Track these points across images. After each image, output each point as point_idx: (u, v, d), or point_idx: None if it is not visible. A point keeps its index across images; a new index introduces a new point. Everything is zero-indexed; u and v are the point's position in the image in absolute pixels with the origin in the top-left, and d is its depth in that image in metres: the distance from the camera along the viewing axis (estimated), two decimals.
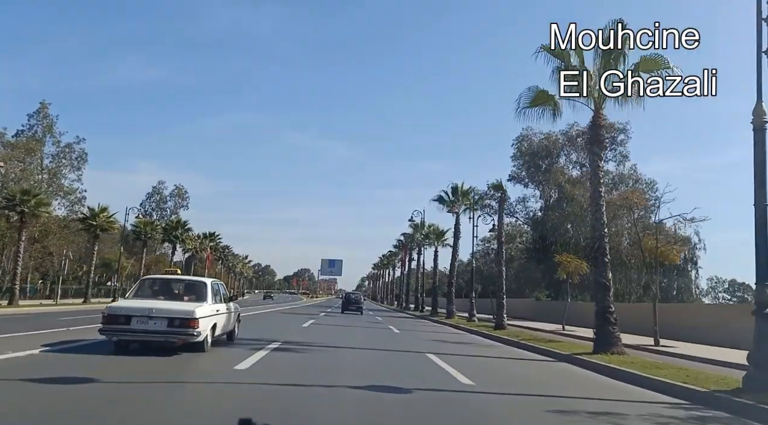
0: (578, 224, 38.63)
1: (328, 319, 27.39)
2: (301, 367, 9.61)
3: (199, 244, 68.82)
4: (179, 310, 9.53)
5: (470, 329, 23.31)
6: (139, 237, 50.35)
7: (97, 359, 8.93)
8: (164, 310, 9.44)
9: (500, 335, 19.47)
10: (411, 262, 58.11)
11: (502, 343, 17.25)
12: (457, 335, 21.00)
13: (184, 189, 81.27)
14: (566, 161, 53.53)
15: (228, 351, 10.74)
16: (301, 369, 9.30)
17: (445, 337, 19.12)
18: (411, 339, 17.74)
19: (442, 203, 34.03)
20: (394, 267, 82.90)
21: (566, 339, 18.42)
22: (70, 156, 47.91)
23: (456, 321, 29.47)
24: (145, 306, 9.53)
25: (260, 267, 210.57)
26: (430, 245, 42.21)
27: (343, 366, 9.85)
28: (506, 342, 17.30)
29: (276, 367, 9.15)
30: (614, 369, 10.57)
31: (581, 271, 25.22)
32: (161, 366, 8.52)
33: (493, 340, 18.42)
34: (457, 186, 33.52)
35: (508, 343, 16.96)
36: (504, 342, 17.44)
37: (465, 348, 15.52)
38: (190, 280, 12.19)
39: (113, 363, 8.73)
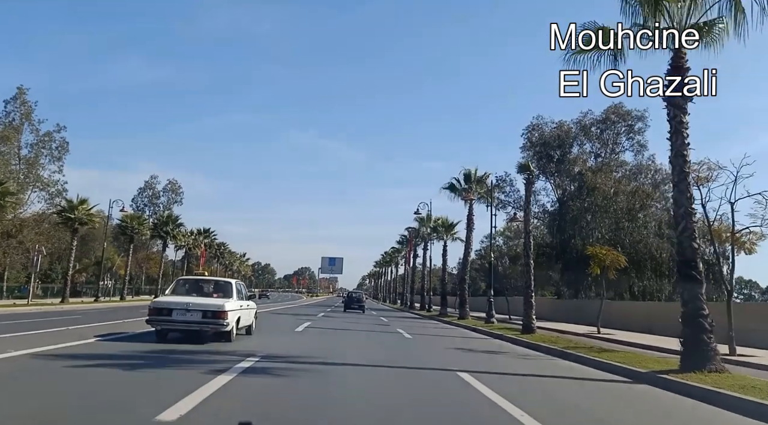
0: (601, 215, 35.28)
1: (327, 321, 24.06)
2: (275, 410, 5.95)
3: (192, 241, 65.53)
4: (211, 304, 11.49)
5: (492, 332, 19.97)
6: (125, 232, 46.99)
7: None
8: (199, 304, 11.39)
9: (532, 340, 16.14)
10: (416, 258, 54.79)
11: (542, 353, 13.89)
12: (480, 341, 17.69)
13: (177, 184, 77.97)
14: (580, 152, 50.24)
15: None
16: (272, 417, 5.61)
17: (467, 343, 15.81)
18: (429, 348, 14.42)
19: (454, 191, 30.70)
20: (397, 265, 79.58)
21: (616, 347, 15.13)
22: (49, 146, 44.48)
23: (472, 322, 26.12)
24: (183, 301, 11.49)
25: (260, 266, 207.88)
26: (439, 239, 38.92)
27: (344, 404, 6.47)
28: (547, 350, 13.95)
29: (230, 413, 5.41)
30: (737, 398, 7.26)
31: (618, 265, 21.89)
32: None
33: (528, 348, 15.07)
34: (470, 172, 30.23)
35: (549, 352, 13.61)
36: (544, 350, 14.09)
37: (499, 360, 12.21)
38: (218, 280, 14.48)
39: None
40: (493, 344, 16.43)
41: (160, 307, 11.55)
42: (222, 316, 11.32)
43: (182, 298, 11.95)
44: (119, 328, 14.33)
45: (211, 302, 11.69)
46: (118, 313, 22.52)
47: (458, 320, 28.39)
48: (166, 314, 11.35)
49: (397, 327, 21.90)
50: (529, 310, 19.21)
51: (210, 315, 11.28)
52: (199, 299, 12.00)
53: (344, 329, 19.28)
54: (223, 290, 12.98)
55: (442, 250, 37.05)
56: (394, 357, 11.58)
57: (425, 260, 47.35)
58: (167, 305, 11.53)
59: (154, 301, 12.50)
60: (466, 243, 30.53)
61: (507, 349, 14.70)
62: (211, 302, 11.75)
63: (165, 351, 9.94)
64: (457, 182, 30.63)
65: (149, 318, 11.46)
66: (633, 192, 34.69)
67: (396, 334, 18.37)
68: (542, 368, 10.96)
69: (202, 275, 17.87)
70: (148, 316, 11.52)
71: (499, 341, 17.64)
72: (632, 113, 48.19)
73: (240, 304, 12.78)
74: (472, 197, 28.21)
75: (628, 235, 34.71)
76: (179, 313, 11.25)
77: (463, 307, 29.18)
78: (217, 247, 79.18)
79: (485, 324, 24.31)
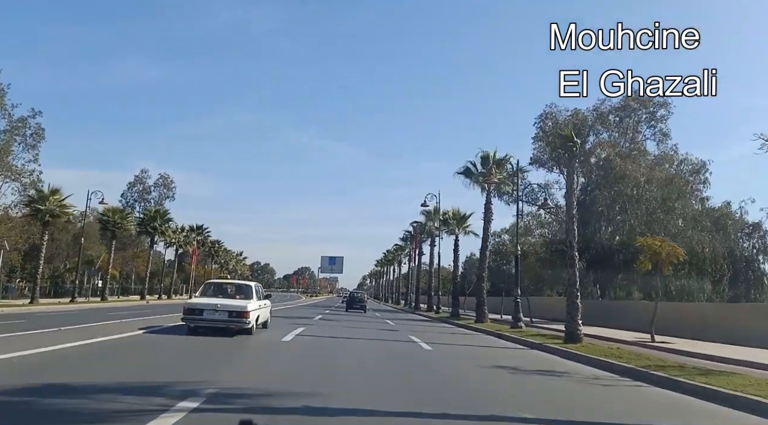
0: (632, 206, 31.48)
1: (324, 326, 20.26)
2: None
3: (183, 237, 61.71)
4: (236, 305, 13.38)
5: (526, 340, 16.17)
6: (107, 227, 43.15)
7: None
8: (226, 305, 13.22)
9: (588, 353, 12.36)
10: (421, 256, 50.92)
11: (616, 374, 10.08)
12: (517, 352, 13.91)
13: (170, 179, 74.20)
14: (595, 142, 46.42)
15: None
16: None
17: (506, 358, 12.00)
18: (462, 368, 10.58)
19: (469, 176, 26.86)
20: (400, 263, 75.72)
21: (710, 365, 11.36)
22: (23, 132, 40.60)
23: (494, 327, 22.27)
24: (212, 302, 13.26)
25: (259, 266, 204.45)
26: (449, 234, 35.03)
27: None
28: (623, 371, 10.12)
29: None
30: None
31: (676, 258, 18.10)
32: None
33: (591, 365, 11.25)
34: (488, 155, 26.40)
35: (629, 375, 9.79)
36: (618, 370, 10.27)
37: (569, 389, 8.41)
38: (240, 283, 16.82)
39: None
40: (537, 358, 12.63)
41: (193, 308, 13.15)
42: (245, 315, 13.02)
43: (211, 300, 13.55)
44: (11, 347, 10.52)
45: (236, 304, 13.44)
46: (65, 318, 18.79)
47: (476, 323, 24.58)
48: (198, 314, 12.95)
49: (408, 334, 18.11)
50: (574, 314, 15.42)
51: (235, 315, 12.94)
52: (225, 300, 13.64)
53: (344, 336, 15.49)
54: (244, 292, 14.80)
55: (454, 245, 33.30)
56: (419, 389, 7.75)
57: (432, 256, 43.57)
58: (199, 306, 13.14)
59: (188, 302, 14.04)
60: (484, 235, 26.72)
61: (563, 368, 10.88)
62: (236, 303, 13.49)
63: None
64: (473, 166, 26.81)
65: (184, 317, 13.13)
66: (669, 180, 30.86)
67: (410, 344, 14.54)
68: (646, 406, 7.18)
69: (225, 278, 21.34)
70: (182, 315, 13.19)
71: (542, 353, 13.83)
72: (654, 100, 44.61)
73: (259, 304, 14.54)
74: (495, 179, 24.35)
75: (662, 228, 30.89)
76: (209, 313, 12.87)
77: (481, 308, 25.36)
78: (211, 245, 75.30)
79: (511, 328, 20.50)
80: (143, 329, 13.90)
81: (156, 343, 11.57)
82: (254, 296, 14.42)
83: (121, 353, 9.70)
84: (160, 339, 12.18)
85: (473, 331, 21.64)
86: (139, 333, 13.00)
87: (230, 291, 15.08)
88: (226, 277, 19.62)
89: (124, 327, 14.56)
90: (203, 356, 9.79)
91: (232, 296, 14.53)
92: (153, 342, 11.79)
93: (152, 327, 14.38)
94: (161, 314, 23.72)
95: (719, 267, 29.03)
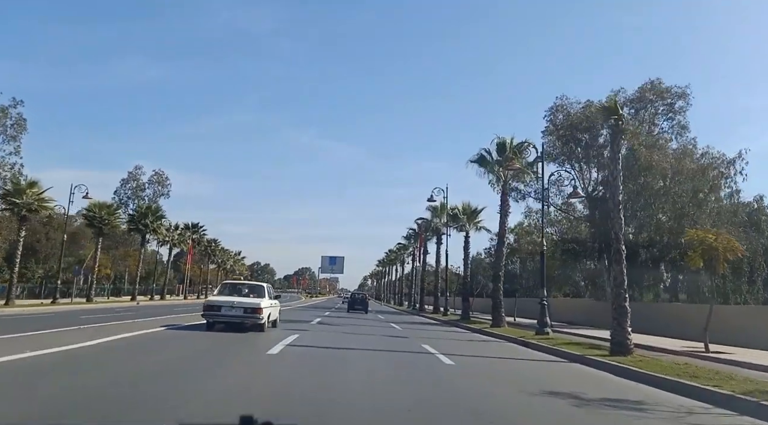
0: (659, 199, 28.85)
1: (322, 333, 17.64)
2: None
3: (178, 236, 59.10)
4: (251, 302, 14.69)
5: (562, 351, 13.56)
6: (92, 223, 40.51)
7: None
8: (241, 302, 14.62)
9: (654, 372, 9.76)
10: (426, 254, 48.30)
11: (715, 405, 7.45)
12: (558, 367, 11.32)
13: (164, 175, 71.54)
14: (608, 137, 43.71)
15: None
16: None
17: (553, 379, 9.39)
18: (503, 396, 7.86)
19: (484, 165, 24.23)
20: (403, 262, 73.05)
21: None
22: (3, 123, 38.17)
23: (515, 332, 19.59)
24: (229, 300, 14.77)
25: (259, 266, 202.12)
26: (459, 230, 32.34)
27: None
28: (727, 402, 7.47)
29: None
30: None
31: (734, 254, 15.46)
32: None
33: (667, 390, 8.60)
34: (504, 141, 23.78)
35: (740, 409, 7.14)
36: (715, 400, 7.62)
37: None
38: (253, 283, 18.73)
39: None
40: (588, 377, 10.00)
41: (212, 304, 14.60)
42: (259, 312, 14.29)
43: (228, 297, 15.04)
44: None
45: (251, 301, 14.75)
46: (16, 324, 16.21)
47: (492, 328, 21.93)
48: (216, 310, 14.38)
49: (419, 341, 15.50)
50: (622, 319, 12.80)
51: (250, 311, 14.23)
52: (241, 298, 15.03)
53: (344, 347, 12.87)
54: (257, 291, 16.15)
55: (464, 241, 30.62)
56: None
57: (438, 255, 40.92)
58: (217, 303, 14.63)
59: (208, 300, 15.57)
60: (501, 230, 24.03)
61: (635, 394, 8.27)
62: (250, 300, 14.79)
63: None
64: (487, 154, 24.15)
65: (204, 313, 14.54)
66: (702, 170, 28.18)
67: (425, 357, 11.91)
68: None
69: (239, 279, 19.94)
70: (203, 311, 14.59)
71: (587, 368, 11.20)
72: (672, 90, 41.88)
73: (270, 303, 15.65)
74: (517, 165, 21.65)
75: (692, 223, 28.20)
76: (226, 309, 14.29)
77: (497, 311, 22.71)
78: (207, 244, 72.60)
79: (536, 335, 17.87)
80: (110, 337, 11.30)
81: (98, 360, 8.96)
82: (266, 295, 15.91)
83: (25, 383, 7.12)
84: (104, 358, 9.11)
85: (492, 338, 19.02)
86: (88, 345, 10.39)
87: (245, 291, 16.56)
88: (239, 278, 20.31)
89: (77, 336, 11.95)
90: (155, 382, 7.22)
91: (247, 295, 16.00)
92: (93, 359, 9.17)
93: (118, 336, 11.78)
94: (147, 316, 21.18)
95: (758, 266, 26.46)
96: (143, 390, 6.32)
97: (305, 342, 13.09)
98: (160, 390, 6.44)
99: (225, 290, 16.81)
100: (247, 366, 9.05)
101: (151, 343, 11.39)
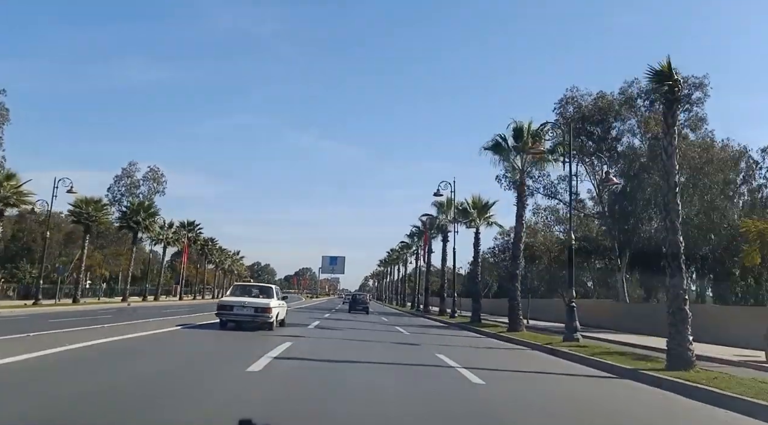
0: (686, 192, 26.57)
1: (320, 340, 15.41)
2: None
3: (172, 234, 56.90)
4: (260, 302, 15.81)
5: (607, 363, 11.30)
6: (79, 220, 38.29)
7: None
8: (252, 302, 15.73)
9: (741, 394, 7.56)
10: (430, 254, 46.03)
11: None
12: (610, 384, 9.12)
13: (159, 172, 69.23)
14: (620, 130, 41.40)
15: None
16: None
17: (621, 410, 7.18)
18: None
19: (499, 152, 21.98)
20: (405, 262, 70.78)
21: None
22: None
23: (539, 338, 17.33)
24: (241, 300, 15.92)
25: (259, 266, 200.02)
26: (468, 226, 30.05)
27: None
28: None
29: None
30: None
31: None
32: None
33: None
34: (521, 126, 21.52)
35: None
36: None
37: None
38: (263, 285, 20.40)
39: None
40: (663, 405, 7.77)
41: (225, 304, 15.82)
42: (269, 311, 15.47)
43: (239, 298, 16.32)
44: None
45: (260, 301, 16.00)
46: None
47: (509, 332, 19.68)
48: (229, 309, 15.54)
49: (433, 350, 13.26)
50: (682, 327, 10.47)
51: (260, 310, 15.39)
52: (252, 299, 16.34)
53: (345, 359, 10.65)
54: (266, 292, 17.58)
55: (474, 238, 28.35)
56: None
57: (445, 253, 38.62)
58: (230, 303, 15.82)
59: (221, 300, 17.08)
60: (518, 223, 21.72)
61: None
62: (260, 301, 16.06)
63: None
64: (502, 141, 21.89)
65: (217, 312, 15.82)
66: (735, 161, 25.92)
67: (445, 371, 9.66)
68: None
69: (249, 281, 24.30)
70: (216, 310, 15.90)
71: (649, 388, 8.97)
72: (689, 80, 39.59)
73: (279, 303, 16.94)
74: (541, 148, 19.35)
75: (722, 217, 25.98)
76: (238, 308, 15.44)
77: (515, 314, 20.44)
78: (204, 242, 70.39)
79: (564, 341, 15.60)
80: (49, 350, 9.06)
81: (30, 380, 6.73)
82: (275, 296, 16.94)
83: None
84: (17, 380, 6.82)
85: (513, 344, 16.78)
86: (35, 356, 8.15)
87: (255, 292, 17.74)
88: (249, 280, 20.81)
89: (10, 348, 9.71)
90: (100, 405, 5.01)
91: (257, 296, 17.00)
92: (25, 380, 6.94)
93: (61, 349, 9.54)
94: (133, 319, 18.99)
95: None
96: None
97: (298, 354, 10.84)
98: None
99: (237, 291, 18.08)
100: (226, 388, 6.78)
101: (90, 361, 9.19)
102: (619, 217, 29.76)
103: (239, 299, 16.03)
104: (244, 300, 15.74)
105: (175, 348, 11.33)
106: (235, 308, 15.37)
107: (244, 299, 15.86)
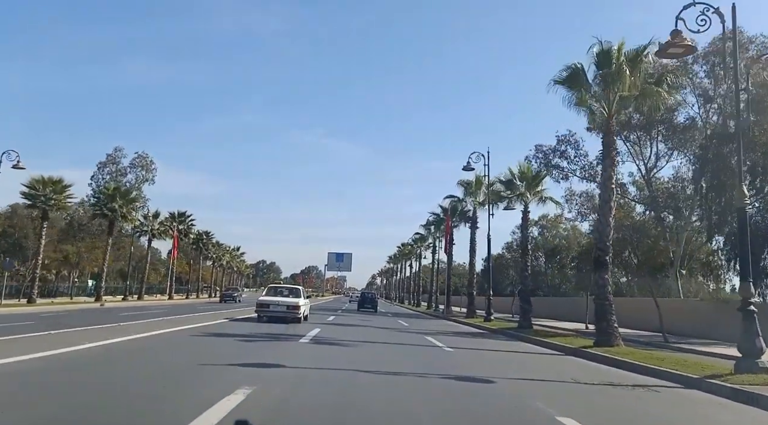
0: None
1: (322, 355, 8.84)
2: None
3: (159, 225, 50.63)
4: (291, 301, 19.65)
5: None
6: (35, 204, 31.97)
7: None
8: (284, 301, 19.55)
9: None
10: (452, 245, 39.27)
11: None
12: None
13: (148, 158, 62.48)
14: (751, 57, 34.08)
15: None
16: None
17: None
18: None
19: (574, 87, 15.28)
20: (419, 256, 64.11)
21: None
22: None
23: (678, 363, 10.69)
24: (275, 300, 19.81)
25: (264, 264, 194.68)
26: (510, 206, 23.29)
27: None
28: None
29: None
30: None
31: None
32: None
33: None
34: (610, 49, 14.84)
35: None
36: None
37: None
38: (292, 286, 25.51)
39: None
40: None
41: (263, 303, 19.59)
42: (297, 309, 19.24)
43: (274, 298, 20.29)
44: None
45: (291, 300, 19.75)
46: None
47: (600, 348, 13.09)
48: (266, 307, 19.34)
49: (519, 388, 6.71)
50: None
51: (291, 308, 19.11)
52: (284, 298, 20.16)
53: (355, 401, 4.19)
54: (295, 292, 21.49)
55: (522, 218, 21.71)
56: None
57: (473, 242, 31.99)
58: (267, 302, 19.61)
59: (259, 299, 20.56)
60: (604, 193, 15.03)
61: None
62: (291, 300, 19.82)
63: None
64: (582, 72, 15.26)
65: (256, 309, 19.78)
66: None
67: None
68: None
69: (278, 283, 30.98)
70: (256, 308, 19.94)
71: None
72: (757, 40, 32.73)
73: (305, 301, 20.96)
74: (681, 51, 12.67)
75: None
76: (273, 306, 19.22)
77: (606, 319, 13.74)
78: (198, 236, 64.09)
79: (738, 373, 8.99)
80: None
81: None
82: (302, 295, 21.17)
83: None
84: None
85: (629, 371, 10.18)
86: None
87: (285, 292, 21.67)
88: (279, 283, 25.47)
89: None
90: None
91: (287, 295, 20.93)
92: None
93: None
94: (79, 325, 12.57)
95: None
96: None
97: (286, 391, 4.33)
98: None
99: (271, 291, 21.95)
100: None
101: None
102: (709, 191, 23.07)
103: (273, 298, 20.13)
104: (278, 300, 19.80)
105: None
106: (271, 306, 19.27)
107: (277, 299, 19.97)
